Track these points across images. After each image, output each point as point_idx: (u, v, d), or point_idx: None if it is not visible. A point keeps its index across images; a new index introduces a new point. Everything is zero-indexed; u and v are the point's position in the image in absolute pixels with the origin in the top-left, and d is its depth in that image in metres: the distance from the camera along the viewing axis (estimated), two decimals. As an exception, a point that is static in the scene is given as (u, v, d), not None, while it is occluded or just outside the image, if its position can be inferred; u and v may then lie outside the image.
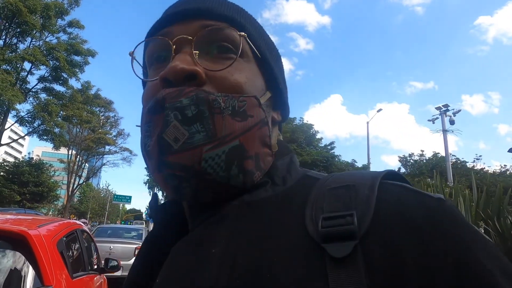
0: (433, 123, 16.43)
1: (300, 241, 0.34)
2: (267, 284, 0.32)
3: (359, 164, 19.09)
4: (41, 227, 2.10)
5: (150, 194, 34.19)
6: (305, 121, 20.11)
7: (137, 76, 0.47)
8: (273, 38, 0.53)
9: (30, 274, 1.92)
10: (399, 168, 23.94)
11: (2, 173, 25.24)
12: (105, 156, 35.69)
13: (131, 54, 0.46)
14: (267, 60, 0.46)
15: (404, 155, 27.31)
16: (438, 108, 16.25)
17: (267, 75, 0.47)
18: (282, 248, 0.34)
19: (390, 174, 0.40)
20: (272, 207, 0.40)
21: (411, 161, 27.08)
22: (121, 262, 3.85)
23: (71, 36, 21.75)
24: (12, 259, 1.97)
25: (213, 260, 0.36)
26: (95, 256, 3.68)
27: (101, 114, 31.61)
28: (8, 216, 2.76)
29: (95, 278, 3.12)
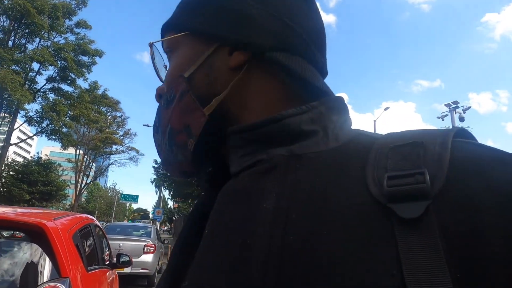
0: (443, 120, 16.23)
1: (361, 200, 0.32)
2: (326, 243, 0.31)
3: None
4: (57, 220, 2.12)
5: (157, 193, 34.36)
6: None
7: (157, 76, 0.54)
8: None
9: (47, 266, 1.93)
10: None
11: (11, 173, 25.55)
12: (112, 155, 35.94)
13: (151, 44, 0.52)
14: (194, 29, 0.45)
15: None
16: (447, 105, 16.01)
17: (205, 36, 0.45)
18: (341, 207, 0.32)
19: (461, 132, 0.37)
20: (326, 162, 0.37)
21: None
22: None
23: (79, 36, 22.01)
24: (29, 250, 1.98)
25: (265, 215, 0.34)
26: (106, 252, 3.70)
27: (108, 114, 31.84)
28: (22, 209, 2.79)
29: (107, 273, 3.13)
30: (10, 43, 19.63)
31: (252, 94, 0.43)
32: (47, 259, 1.94)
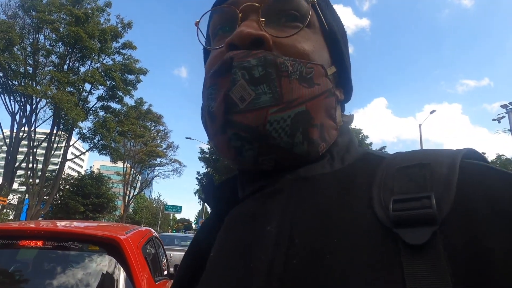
0: (499, 122, 15.16)
1: (366, 224, 0.31)
2: (329, 268, 0.30)
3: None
4: (128, 233, 2.27)
5: (200, 204, 35.13)
6: (353, 126, 19.60)
7: (201, 43, 0.47)
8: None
9: (121, 277, 2.07)
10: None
11: (67, 186, 27.52)
12: (156, 168, 37.44)
13: (197, 24, 0.46)
14: (334, 34, 0.45)
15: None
16: (504, 106, 14.92)
17: (332, 49, 0.45)
18: (345, 231, 0.31)
19: (470, 153, 0.35)
20: (331, 184, 0.37)
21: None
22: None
23: (125, 57, 23.36)
24: (104, 262, 2.13)
25: (269, 238, 0.34)
26: (164, 262, 3.86)
27: (152, 128, 33.31)
28: (91, 224, 3.01)
29: (167, 284, 3.27)
30: (65, 67, 21.35)
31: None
32: (121, 270, 2.08)
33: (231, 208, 0.41)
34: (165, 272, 3.60)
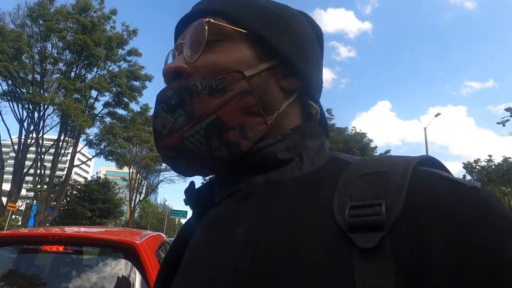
0: (503, 125, 15.05)
1: (326, 228, 0.33)
2: (290, 269, 0.32)
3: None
4: (142, 238, 2.35)
5: (204, 209, 35.11)
6: (357, 130, 19.70)
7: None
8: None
9: (137, 280, 2.15)
10: (464, 176, 22.16)
11: (75, 192, 27.75)
12: (161, 173, 37.64)
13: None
14: (256, 33, 0.46)
15: (468, 161, 25.25)
16: (508, 109, 14.84)
17: (264, 47, 0.46)
18: (308, 234, 0.34)
19: (426, 160, 0.37)
20: (299, 188, 0.39)
21: (478, 167, 24.95)
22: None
23: (131, 63, 23.67)
24: (120, 266, 2.22)
25: (237, 240, 0.37)
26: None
27: (157, 133, 33.47)
28: (105, 229, 3.10)
29: None
30: (72, 74, 21.67)
31: (288, 117, 0.47)
32: (137, 274, 2.17)
33: (208, 211, 0.45)
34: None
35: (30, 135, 21.14)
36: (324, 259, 0.32)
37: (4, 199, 19.48)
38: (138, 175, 35.10)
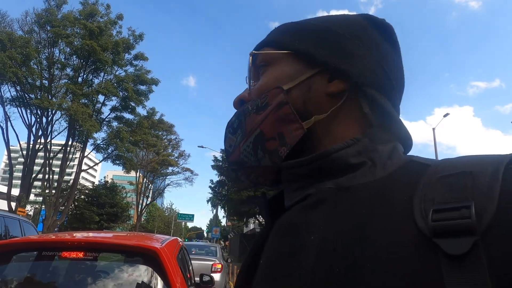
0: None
1: (408, 234, 0.32)
2: (371, 279, 0.31)
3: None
4: (163, 243, 2.28)
5: (212, 212, 35.14)
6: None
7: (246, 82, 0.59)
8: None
9: (159, 286, 2.08)
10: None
11: (82, 196, 27.89)
12: (168, 176, 37.73)
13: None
14: (296, 50, 0.49)
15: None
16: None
17: (305, 59, 0.49)
18: (387, 241, 0.32)
19: None
20: (373, 193, 0.38)
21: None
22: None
23: (137, 68, 23.78)
24: (140, 272, 2.15)
25: (312, 247, 0.36)
26: (191, 270, 3.87)
27: (164, 137, 33.67)
28: (121, 234, 3.04)
29: (195, 293, 3.27)
30: (79, 79, 21.82)
31: (339, 122, 0.46)
32: (159, 279, 2.09)
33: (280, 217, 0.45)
34: (192, 281, 3.61)
35: (39, 140, 21.28)
36: (408, 268, 0.30)
37: (13, 204, 19.60)
38: (145, 179, 35.21)
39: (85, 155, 23.64)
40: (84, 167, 24.42)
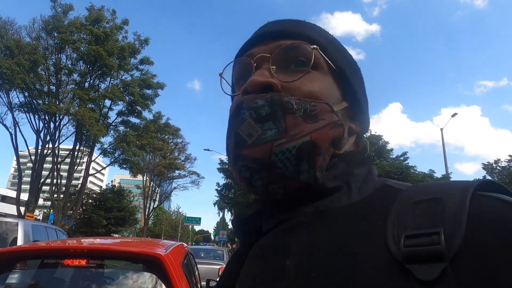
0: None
1: (381, 259, 0.32)
2: None
3: (438, 174, 17.50)
4: (168, 250, 2.23)
5: (219, 215, 35.15)
6: (373, 133, 19.32)
7: (225, 93, 0.52)
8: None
9: (164, 295, 2.02)
10: (484, 177, 21.49)
11: (90, 201, 28.08)
12: (175, 180, 37.81)
13: (220, 74, 0.52)
14: (343, 72, 0.48)
15: (488, 162, 24.52)
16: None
17: (344, 87, 0.48)
18: (361, 266, 0.33)
19: (485, 184, 0.35)
20: (348, 218, 0.38)
21: (498, 168, 24.20)
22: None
23: (143, 72, 23.92)
24: (144, 279, 2.10)
25: (287, 272, 0.36)
26: (196, 276, 3.82)
27: (170, 141, 33.78)
28: (125, 240, 3.00)
29: (201, 299, 3.22)
30: (86, 84, 22.02)
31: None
32: (163, 287, 2.04)
33: (257, 240, 0.43)
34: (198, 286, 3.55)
35: (47, 145, 21.49)
36: None
37: (22, 209, 19.78)
38: (152, 182, 35.33)
39: (93, 159, 23.81)
40: (91, 171, 24.59)
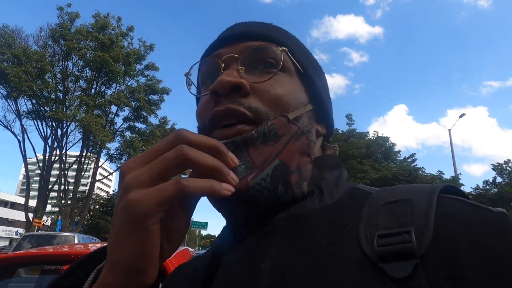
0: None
1: (355, 259, 0.33)
2: None
3: (446, 176, 17.23)
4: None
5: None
6: (379, 134, 19.13)
7: (191, 93, 0.53)
8: (325, 56, 0.51)
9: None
10: (494, 178, 21.10)
11: (97, 206, 28.20)
12: (181, 185, 37.77)
13: (186, 74, 0.52)
14: (309, 75, 0.49)
15: (498, 163, 24.11)
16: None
17: (310, 90, 0.49)
18: (335, 266, 0.33)
19: (447, 188, 0.38)
20: (321, 220, 0.39)
21: (508, 168, 23.80)
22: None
23: (148, 78, 24.09)
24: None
25: (263, 275, 0.36)
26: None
27: (176, 146, 33.80)
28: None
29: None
30: (92, 90, 22.22)
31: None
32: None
33: (228, 251, 0.43)
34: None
35: (54, 152, 21.67)
36: None
37: (30, 215, 19.93)
38: (158, 187, 35.36)
39: (99, 165, 23.95)
40: (98, 177, 24.73)
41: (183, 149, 0.34)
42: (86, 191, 24.24)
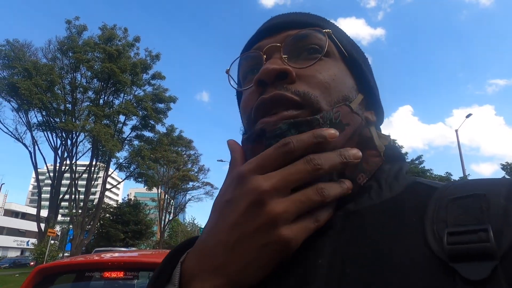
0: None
1: (419, 257, 0.31)
2: None
3: (454, 176, 17.17)
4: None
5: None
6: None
7: (234, 88, 0.51)
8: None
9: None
10: (504, 177, 20.99)
11: (107, 215, 28.48)
12: (189, 191, 38.04)
13: (227, 71, 0.50)
14: (355, 60, 0.47)
15: (507, 162, 23.95)
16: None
17: (357, 76, 0.47)
18: (398, 263, 0.31)
19: None
20: (381, 216, 0.37)
21: (517, 167, 23.59)
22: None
23: (155, 87, 24.45)
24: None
25: (320, 271, 0.34)
26: None
27: (183, 153, 34.12)
28: (142, 252, 3.09)
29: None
30: (101, 101, 22.60)
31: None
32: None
33: None
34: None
35: (64, 162, 22.02)
36: None
37: (42, 225, 20.21)
38: (166, 195, 35.62)
39: (109, 174, 24.24)
40: (107, 186, 25.01)
41: (313, 158, 0.35)
42: (96, 200, 24.53)
